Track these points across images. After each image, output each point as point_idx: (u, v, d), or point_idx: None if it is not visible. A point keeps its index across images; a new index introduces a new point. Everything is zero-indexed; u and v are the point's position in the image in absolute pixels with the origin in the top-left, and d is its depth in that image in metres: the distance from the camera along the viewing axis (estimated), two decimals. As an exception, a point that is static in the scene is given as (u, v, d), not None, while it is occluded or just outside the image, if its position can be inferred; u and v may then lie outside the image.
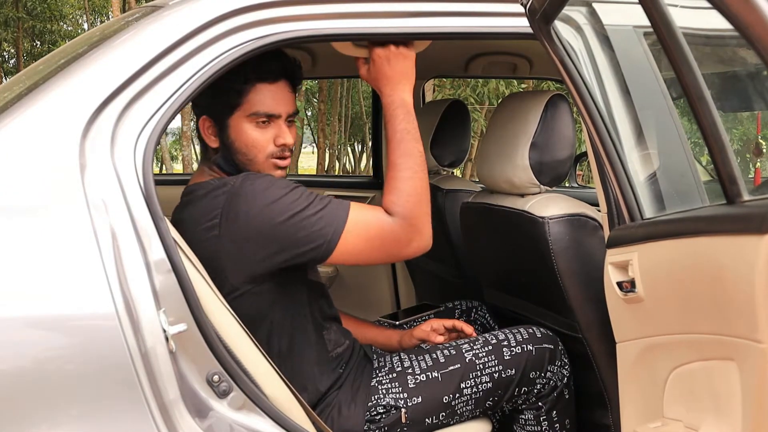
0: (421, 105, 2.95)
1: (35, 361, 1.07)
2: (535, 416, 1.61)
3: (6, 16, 12.53)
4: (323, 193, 1.29)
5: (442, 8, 1.40)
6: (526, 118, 1.66)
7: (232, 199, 1.33)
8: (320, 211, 1.33)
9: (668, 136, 1.37)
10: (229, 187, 1.35)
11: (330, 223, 1.32)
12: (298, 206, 1.32)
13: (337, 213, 1.33)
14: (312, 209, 1.32)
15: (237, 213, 1.32)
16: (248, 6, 1.28)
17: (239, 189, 1.34)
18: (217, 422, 1.15)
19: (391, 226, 1.35)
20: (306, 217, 1.32)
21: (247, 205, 1.32)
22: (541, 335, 1.61)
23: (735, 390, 1.00)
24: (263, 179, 1.36)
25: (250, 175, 1.38)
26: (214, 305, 1.22)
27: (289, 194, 1.33)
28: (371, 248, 1.35)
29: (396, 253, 1.38)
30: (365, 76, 1.47)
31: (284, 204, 1.32)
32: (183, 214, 1.42)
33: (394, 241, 1.35)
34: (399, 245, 1.36)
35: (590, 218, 1.59)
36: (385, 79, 1.43)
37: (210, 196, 1.37)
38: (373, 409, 1.47)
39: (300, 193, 1.34)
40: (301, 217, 1.31)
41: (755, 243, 0.91)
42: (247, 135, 1.44)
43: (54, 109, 1.17)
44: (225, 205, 1.34)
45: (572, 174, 3.80)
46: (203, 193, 1.40)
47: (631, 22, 1.42)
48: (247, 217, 1.31)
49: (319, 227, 1.32)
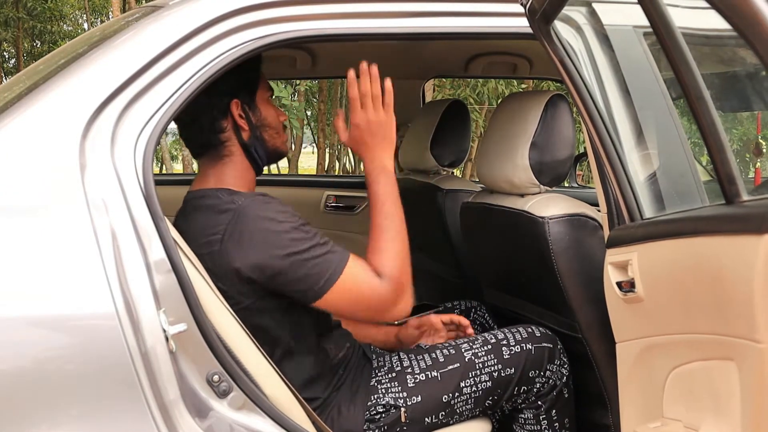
0: (421, 105, 2.95)
1: (35, 361, 1.07)
2: (535, 415, 1.61)
3: (6, 16, 12.52)
4: (324, 194, 1.30)
5: (442, 8, 1.40)
6: (526, 118, 1.66)
7: (238, 218, 1.33)
8: (319, 256, 1.32)
9: (668, 136, 1.37)
10: (237, 206, 1.35)
11: (325, 271, 1.32)
12: (300, 246, 1.31)
13: (334, 263, 1.33)
14: (312, 253, 1.32)
15: (241, 233, 1.32)
16: (248, 6, 1.28)
17: (247, 209, 1.34)
18: (217, 422, 1.15)
19: (382, 289, 1.35)
20: (304, 259, 1.31)
21: (251, 228, 1.32)
22: (541, 334, 1.61)
23: (734, 390, 1.00)
24: (272, 205, 1.36)
25: (258, 197, 1.38)
26: (214, 305, 1.22)
27: (294, 230, 1.33)
28: (357, 307, 1.36)
29: (380, 314, 1.38)
30: (347, 141, 1.48)
31: (287, 239, 1.31)
32: (187, 221, 1.41)
33: (381, 303, 1.36)
34: (385, 307, 1.36)
35: (590, 218, 1.59)
36: (365, 147, 1.44)
37: (216, 210, 1.37)
38: (373, 408, 1.47)
39: (304, 233, 1.33)
40: (300, 258, 1.31)
41: (754, 243, 0.91)
42: (270, 110, 1.50)
43: (54, 109, 1.17)
44: (230, 222, 1.33)
45: (572, 174, 3.80)
46: (210, 204, 1.39)
47: (631, 22, 1.42)
48: (249, 241, 1.31)
49: (314, 273, 1.31)
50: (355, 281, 1.34)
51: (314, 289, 1.32)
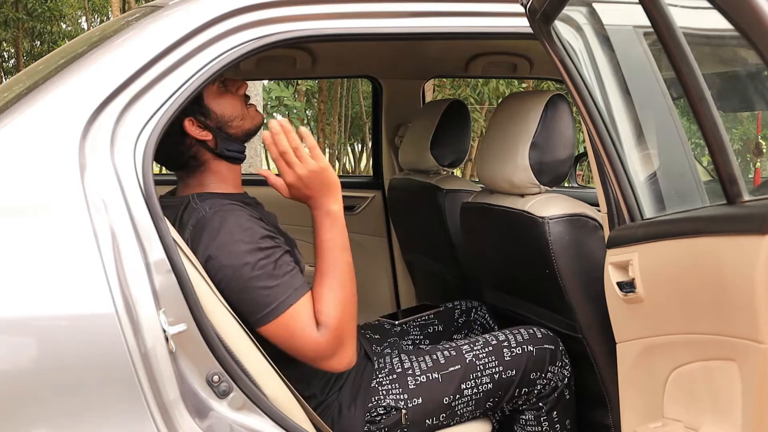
0: (421, 105, 2.95)
1: (35, 361, 1.07)
2: (536, 417, 1.61)
3: (6, 16, 12.52)
4: None
5: (442, 8, 1.40)
6: (526, 118, 1.66)
7: (197, 229, 1.31)
8: (267, 288, 1.28)
9: (668, 136, 1.36)
10: (200, 216, 1.33)
11: (267, 304, 1.28)
12: (255, 269, 1.28)
13: (279, 298, 1.28)
14: (261, 282, 1.28)
15: (198, 244, 1.30)
16: (248, 6, 1.28)
17: (206, 222, 1.31)
18: (217, 422, 1.15)
19: (316, 340, 1.29)
20: (256, 287, 1.27)
21: (210, 237, 1.29)
22: (542, 336, 1.61)
23: (735, 390, 1.00)
24: (234, 216, 1.32)
25: (223, 208, 1.33)
26: (214, 305, 1.21)
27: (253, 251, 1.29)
28: (290, 348, 1.31)
29: (313, 363, 1.33)
30: (290, 197, 1.39)
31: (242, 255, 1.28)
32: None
33: (314, 352, 1.30)
34: (317, 357, 1.31)
35: (590, 218, 1.59)
36: (306, 198, 1.37)
37: (186, 220, 1.35)
38: (374, 410, 1.47)
39: (263, 255, 1.29)
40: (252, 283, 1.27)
41: (755, 243, 0.91)
42: (225, 102, 1.43)
43: (54, 109, 1.17)
44: (192, 233, 1.32)
45: (572, 174, 3.80)
46: (185, 216, 1.36)
47: (631, 22, 1.42)
48: (205, 249, 1.29)
49: (257, 301, 1.28)
50: (292, 324, 1.29)
51: (256, 317, 1.29)
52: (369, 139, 14.53)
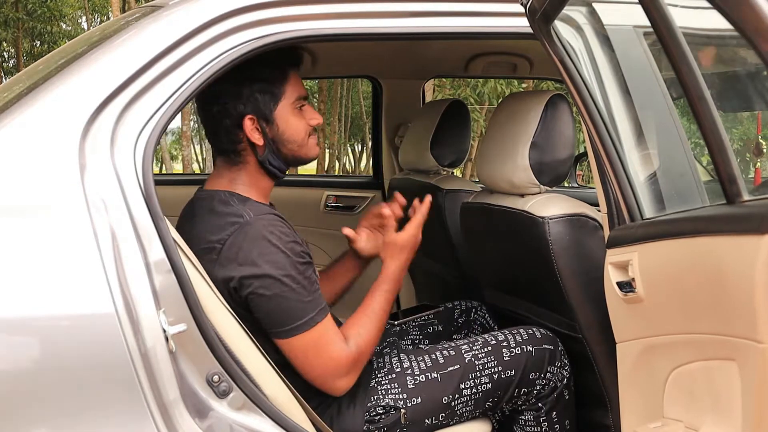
0: (421, 105, 2.95)
1: (35, 361, 1.07)
2: (535, 417, 1.61)
3: (6, 16, 12.52)
4: (324, 194, 1.29)
5: (442, 8, 1.40)
6: (526, 118, 1.66)
7: (240, 232, 1.33)
8: (302, 301, 1.32)
9: (668, 136, 1.37)
10: (243, 221, 1.34)
11: (301, 316, 1.32)
12: (289, 282, 1.31)
13: (312, 312, 1.33)
14: (297, 294, 1.32)
15: (239, 248, 1.32)
16: (248, 6, 1.28)
17: (251, 228, 1.33)
18: (217, 422, 1.15)
19: (339, 355, 1.36)
20: (287, 296, 1.31)
21: (250, 246, 1.32)
22: (541, 336, 1.61)
23: (735, 390, 1.00)
24: (277, 227, 1.35)
25: (266, 217, 1.36)
26: (214, 305, 1.22)
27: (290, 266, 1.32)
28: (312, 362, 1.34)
29: (325, 380, 1.37)
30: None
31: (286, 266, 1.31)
32: (193, 221, 1.41)
33: (336, 367, 1.36)
34: (336, 373, 1.36)
35: (590, 218, 1.59)
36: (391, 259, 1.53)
37: (223, 218, 1.36)
38: (373, 409, 1.47)
39: (298, 270, 1.33)
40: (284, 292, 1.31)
41: (755, 243, 0.91)
42: (293, 123, 1.47)
43: (54, 109, 1.17)
44: (232, 235, 1.33)
45: (572, 174, 3.80)
46: (218, 210, 1.38)
47: (631, 22, 1.42)
48: (245, 257, 1.31)
49: (291, 312, 1.32)
50: (322, 338, 1.35)
51: (284, 329, 1.32)
52: (369, 139, 14.52)
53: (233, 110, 1.41)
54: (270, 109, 1.43)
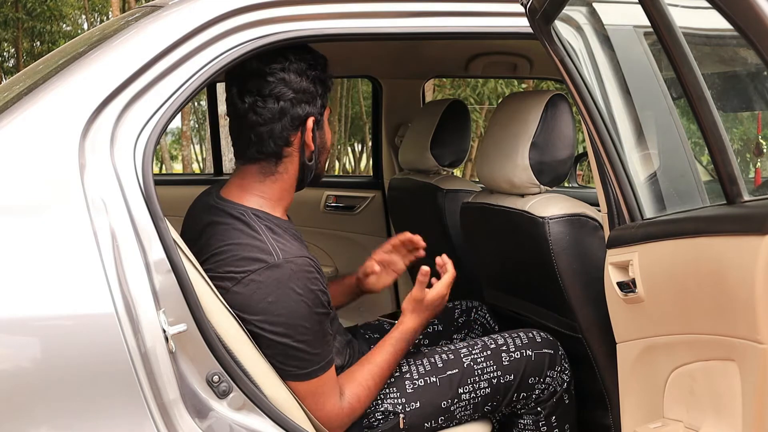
0: (421, 105, 2.95)
1: (35, 361, 1.07)
2: (534, 421, 1.58)
3: (6, 16, 12.52)
4: (323, 194, 1.29)
5: (443, 8, 1.40)
6: (526, 118, 1.66)
7: (264, 272, 1.27)
8: (313, 353, 1.32)
9: (668, 136, 1.37)
10: (273, 263, 1.27)
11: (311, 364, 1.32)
12: (307, 334, 1.30)
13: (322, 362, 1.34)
14: (311, 347, 1.31)
15: (258, 286, 1.27)
16: (248, 6, 1.28)
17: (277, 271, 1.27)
18: (216, 422, 1.15)
19: (332, 410, 1.36)
20: (301, 348, 1.30)
21: (270, 289, 1.27)
22: (541, 340, 1.59)
23: (735, 390, 1.00)
24: (303, 273, 1.29)
25: (296, 261, 1.29)
26: (214, 305, 1.21)
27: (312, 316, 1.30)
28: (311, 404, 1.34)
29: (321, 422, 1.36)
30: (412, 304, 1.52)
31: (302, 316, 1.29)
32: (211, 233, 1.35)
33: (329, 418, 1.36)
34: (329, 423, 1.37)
35: (590, 218, 1.59)
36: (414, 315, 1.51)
37: (249, 250, 1.29)
38: (371, 414, 1.45)
39: (317, 320, 1.31)
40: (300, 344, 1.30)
41: (755, 243, 0.91)
42: (328, 132, 1.46)
43: (54, 108, 1.17)
44: (256, 272, 1.27)
45: (572, 174, 3.80)
46: (246, 241, 1.30)
47: (631, 22, 1.42)
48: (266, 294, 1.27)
49: (302, 360, 1.31)
50: (320, 389, 1.34)
51: (284, 370, 1.31)
52: (369, 139, 14.53)
53: (300, 110, 1.34)
54: (322, 113, 1.41)
